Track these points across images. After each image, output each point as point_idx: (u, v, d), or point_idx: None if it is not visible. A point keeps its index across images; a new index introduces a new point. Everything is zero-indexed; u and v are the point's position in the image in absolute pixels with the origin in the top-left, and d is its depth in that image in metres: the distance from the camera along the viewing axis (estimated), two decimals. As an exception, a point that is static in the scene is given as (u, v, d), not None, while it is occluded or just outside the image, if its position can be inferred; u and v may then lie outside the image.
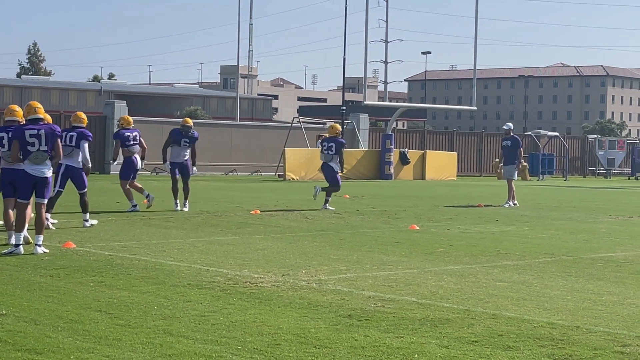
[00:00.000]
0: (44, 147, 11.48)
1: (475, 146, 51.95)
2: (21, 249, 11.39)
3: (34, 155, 11.44)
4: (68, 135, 15.36)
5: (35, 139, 11.43)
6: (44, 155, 11.50)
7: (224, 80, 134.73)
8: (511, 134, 23.58)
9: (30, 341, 6.53)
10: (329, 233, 14.75)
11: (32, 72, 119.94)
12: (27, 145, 11.43)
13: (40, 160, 11.49)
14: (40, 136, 11.46)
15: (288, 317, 7.55)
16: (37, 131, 11.46)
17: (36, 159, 11.45)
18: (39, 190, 11.62)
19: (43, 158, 11.50)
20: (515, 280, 9.89)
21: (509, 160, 23.22)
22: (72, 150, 15.33)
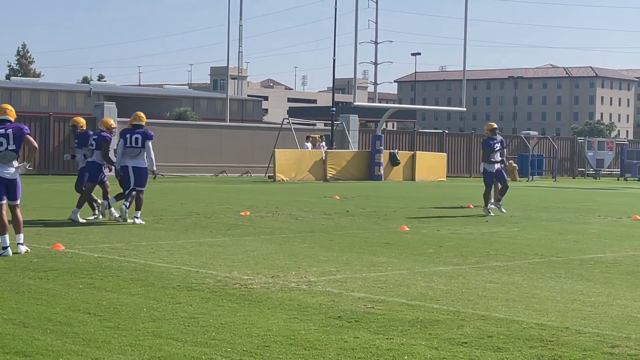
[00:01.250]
0: (12, 147, 11.54)
1: (465, 147, 52.02)
2: (9, 251, 11.37)
3: (1, 155, 11.50)
4: (133, 137, 16.53)
5: (3, 138, 11.50)
6: (12, 155, 11.55)
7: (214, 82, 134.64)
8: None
9: (19, 344, 6.50)
10: (318, 234, 14.74)
11: (21, 73, 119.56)
12: None
13: (7, 160, 11.53)
14: (8, 136, 11.53)
15: (278, 319, 7.54)
16: (4, 131, 11.55)
17: (4, 158, 11.50)
18: (10, 191, 11.60)
19: (10, 158, 11.54)
20: (505, 281, 9.89)
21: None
22: (140, 152, 16.52)
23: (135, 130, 16.78)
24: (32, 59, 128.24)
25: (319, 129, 48.84)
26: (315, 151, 39.51)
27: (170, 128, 44.36)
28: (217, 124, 50.83)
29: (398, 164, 41.81)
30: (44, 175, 37.65)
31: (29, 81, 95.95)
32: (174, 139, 42.70)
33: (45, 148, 39.22)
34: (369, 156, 41.19)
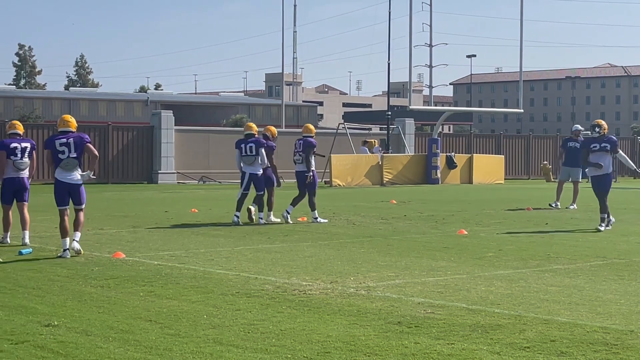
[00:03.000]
0: (74, 155, 12.50)
1: (523, 149, 51.52)
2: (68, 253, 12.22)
3: (64, 163, 12.45)
4: (247, 146, 17.96)
5: (65, 147, 12.48)
6: (74, 163, 12.52)
7: (269, 88, 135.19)
8: (580, 136, 23.64)
9: (82, 352, 6.57)
10: (376, 239, 14.70)
11: (80, 84, 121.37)
12: (57, 154, 12.47)
13: (70, 168, 12.51)
14: (70, 144, 12.49)
15: (337, 325, 7.52)
16: (66, 140, 12.52)
17: (67, 165, 12.48)
18: (74, 196, 12.64)
19: (73, 165, 12.51)
20: (567, 284, 9.76)
21: (576, 163, 23.04)
22: (254, 159, 17.85)
23: (248, 139, 18.12)
24: (91, 70, 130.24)
25: (374, 134, 48.77)
26: (371, 156, 39.44)
27: (227, 135, 44.65)
28: (273, 130, 50.97)
29: (455, 167, 41.56)
30: (104, 184, 38.13)
31: (88, 91, 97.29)
32: (231, 147, 42.90)
33: (104, 157, 39.69)
34: (426, 160, 41.00)
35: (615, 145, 16.99)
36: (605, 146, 16.88)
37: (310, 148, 18.40)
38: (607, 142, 16.91)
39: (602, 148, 16.90)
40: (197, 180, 41.41)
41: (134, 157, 40.47)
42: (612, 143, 16.95)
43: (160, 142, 40.52)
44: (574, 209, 22.28)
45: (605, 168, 16.79)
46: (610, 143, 16.92)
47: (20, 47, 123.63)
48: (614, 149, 16.97)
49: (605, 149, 16.87)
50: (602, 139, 16.99)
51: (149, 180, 40.38)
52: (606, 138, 17.00)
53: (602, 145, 16.90)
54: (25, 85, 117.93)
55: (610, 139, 17.05)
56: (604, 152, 16.87)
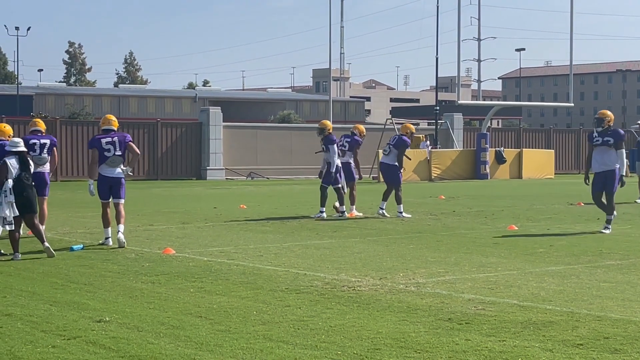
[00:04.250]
0: (119, 152, 13.34)
1: (573, 143, 50.96)
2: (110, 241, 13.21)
3: (110, 160, 13.27)
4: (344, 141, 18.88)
5: (111, 145, 13.30)
6: (119, 160, 13.36)
7: (316, 84, 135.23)
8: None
9: (133, 347, 6.61)
10: (425, 235, 14.62)
11: (129, 81, 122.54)
12: (104, 152, 13.27)
13: (115, 164, 13.35)
14: (115, 143, 13.31)
15: (387, 321, 7.48)
16: (111, 139, 13.33)
17: (112, 162, 13.30)
18: (114, 190, 13.41)
19: (118, 162, 13.36)
20: (620, 280, 9.62)
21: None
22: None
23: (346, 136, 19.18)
24: (139, 67, 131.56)
25: (422, 129, 48.58)
26: (419, 151, 39.27)
27: (275, 131, 44.76)
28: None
29: (504, 162, 41.23)
30: (153, 181, 38.44)
31: (137, 88, 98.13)
32: (279, 142, 43.05)
33: (153, 154, 40.02)
34: (474, 155, 40.74)
35: (619, 139, 14.89)
36: (608, 140, 14.85)
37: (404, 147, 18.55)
38: (611, 136, 14.88)
39: (604, 142, 14.87)
40: (246, 176, 41.57)
41: (182, 154, 40.73)
42: (617, 137, 14.89)
43: (208, 138, 40.73)
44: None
45: (611, 164, 14.87)
46: (614, 137, 14.87)
47: (70, 44, 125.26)
48: (618, 144, 14.86)
49: (607, 144, 14.85)
50: (605, 133, 14.95)
51: (197, 177, 40.61)
52: (610, 131, 14.95)
53: (605, 139, 14.88)
54: (75, 82, 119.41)
55: (615, 132, 14.96)
56: (606, 147, 14.86)
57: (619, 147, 14.84)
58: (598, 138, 14.92)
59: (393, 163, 18.50)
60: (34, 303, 8.46)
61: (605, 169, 14.90)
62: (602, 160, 14.90)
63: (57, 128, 37.96)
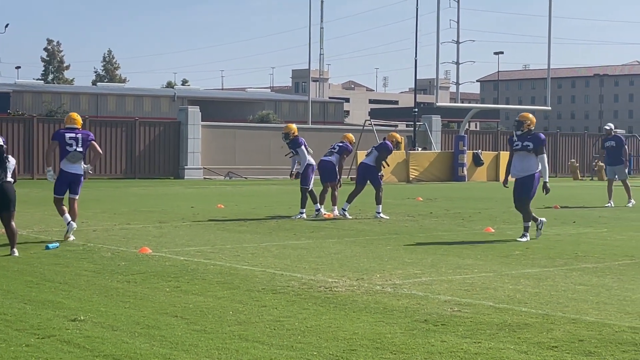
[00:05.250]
0: (80, 149, 13.83)
1: (550, 147, 51.19)
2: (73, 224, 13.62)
3: (71, 155, 13.75)
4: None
5: (73, 141, 13.81)
6: (79, 156, 13.82)
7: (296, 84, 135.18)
8: (613, 134, 23.65)
9: (108, 347, 6.58)
10: (402, 236, 14.64)
11: (107, 79, 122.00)
12: (66, 146, 13.76)
13: (75, 160, 13.80)
14: (78, 139, 13.82)
15: (363, 322, 7.49)
16: (75, 135, 13.87)
17: (73, 157, 13.76)
18: (72, 187, 13.89)
19: (78, 158, 13.81)
20: (595, 283, 9.67)
21: (617, 161, 23.15)
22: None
23: None
24: (118, 65, 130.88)
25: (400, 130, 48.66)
26: (397, 152, 39.33)
27: (253, 131, 44.69)
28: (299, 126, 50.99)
29: (482, 165, 41.39)
30: (130, 179, 38.29)
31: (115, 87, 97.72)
32: (257, 142, 42.99)
33: (131, 152, 39.88)
34: (452, 157, 40.87)
35: (539, 144, 14.14)
36: (527, 145, 14.10)
37: (385, 152, 18.75)
38: (530, 141, 14.12)
39: (523, 147, 14.12)
40: (224, 176, 41.49)
41: (160, 153, 40.61)
42: (536, 142, 14.13)
43: (187, 137, 40.63)
44: (633, 203, 22.44)
45: (530, 169, 14.12)
46: (533, 142, 14.11)
47: (49, 42, 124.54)
48: (538, 149, 14.10)
49: (527, 149, 14.09)
50: (525, 137, 14.22)
51: (175, 176, 40.50)
52: (530, 136, 14.21)
53: (524, 144, 14.13)
54: (53, 80, 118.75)
55: (535, 137, 14.21)
56: (525, 151, 14.12)
57: (540, 152, 14.09)
58: (517, 142, 14.21)
59: (372, 164, 18.60)
60: (8, 301, 8.40)
61: (524, 175, 14.14)
62: (521, 165, 14.15)
63: (34, 126, 37.77)
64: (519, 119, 14.42)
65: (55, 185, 13.96)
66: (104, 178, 38.77)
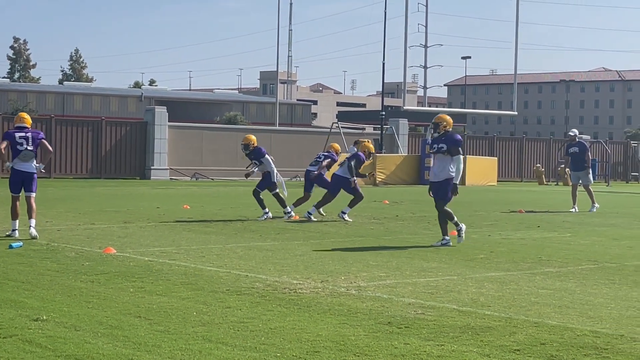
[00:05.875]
0: (30, 147, 13.94)
1: (516, 151, 51.58)
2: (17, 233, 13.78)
3: (22, 154, 13.86)
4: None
5: (24, 140, 13.93)
6: (30, 154, 13.92)
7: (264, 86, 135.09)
8: (577, 140, 23.90)
9: (70, 347, 6.53)
10: (368, 239, 14.68)
11: (74, 78, 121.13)
12: (16, 145, 13.90)
13: (27, 159, 13.89)
14: (28, 138, 13.94)
15: (327, 324, 7.49)
16: (25, 134, 14.00)
17: (24, 157, 13.87)
18: (26, 184, 13.94)
19: (29, 157, 13.91)
20: (558, 287, 9.75)
21: (580, 166, 23.40)
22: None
23: None
24: (85, 64, 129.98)
25: (368, 133, 48.77)
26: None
27: (220, 132, 44.59)
28: (266, 128, 51.00)
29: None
30: (96, 179, 38.07)
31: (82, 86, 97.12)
32: (224, 144, 42.88)
33: (97, 152, 39.64)
34: (419, 160, 41.02)
35: (454, 145, 13.56)
36: (442, 147, 13.58)
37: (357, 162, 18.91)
38: (444, 142, 13.56)
39: (439, 149, 13.63)
40: (190, 177, 41.36)
41: (127, 153, 40.41)
42: (451, 143, 13.56)
43: (153, 138, 40.47)
44: (597, 207, 22.68)
45: (445, 172, 13.65)
46: (447, 143, 13.54)
47: (15, 40, 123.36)
48: (452, 150, 13.53)
49: (441, 150, 13.60)
50: (440, 139, 13.69)
51: (141, 176, 40.31)
52: (445, 137, 13.65)
53: (439, 146, 13.63)
54: (19, 78, 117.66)
55: (450, 138, 13.61)
56: (441, 154, 13.64)
57: (454, 154, 13.53)
58: (434, 145, 13.77)
59: (345, 175, 18.77)
60: (-31, 300, 8.32)
61: (440, 179, 13.74)
62: (437, 169, 13.76)
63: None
64: (435, 121, 13.94)
65: (9, 184, 14.09)
66: (70, 177, 38.51)
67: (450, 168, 13.64)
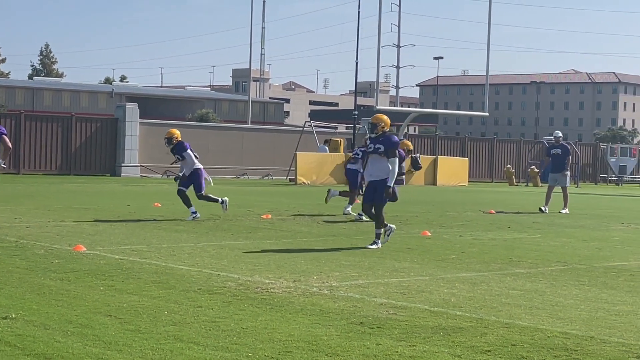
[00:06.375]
0: None
1: (487, 152, 51.83)
2: None
3: None
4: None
5: None
6: None
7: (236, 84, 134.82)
8: (561, 142, 24.08)
9: (40, 346, 6.47)
10: (340, 238, 14.68)
11: (44, 73, 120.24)
12: None
13: None
14: None
15: (299, 324, 7.48)
16: None
17: None
18: None
19: None
20: (528, 288, 9.79)
21: (560, 168, 23.56)
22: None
23: None
24: (55, 59, 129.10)
25: (340, 133, 48.81)
26: (336, 154, 39.46)
27: (192, 130, 44.45)
28: (238, 126, 50.87)
29: (420, 168, 41.61)
30: (66, 175, 37.80)
31: (52, 81, 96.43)
32: (196, 141, 42.71)
33: (67, 148, 39.36)
34: (391, 160, 41.07)
35: (390, 147, 13.27)
36: (378, 148, 13.28)
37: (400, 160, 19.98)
38: (382, 143, 13.29)
39: (375, 150, 13.31)
40: (161, 175, 41.17)
41: (97, 149, 40.17)
42: (387, 144, 13.27)
43: (124, 134, 40.26)
44: (566, 213, 22.75)
45: (381, 173, 13.29)
46: (384, 144, 13.26)
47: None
48: (389, 151, 13.23)
49: (378, 151, 13.29)
50: (377, 139, 13.39)
51: (111, 173, 40.09)
52: (382, 138, 13.36)
53: (376, 147, 13.31)
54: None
55: (387, 139, 13.33)
56: (377, 155, 13.31)
57: (391, 156, 13.24)
58: (370, 145, 13.48)
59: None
60: (-63, 298, 8.22)
61: (376, 179, 13.35)
62: (372, 169, 13.41)
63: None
64: (373, 121, 13.61)
65: None
66: (39, 174, 38.22)
67: (387, 169, 13.27)
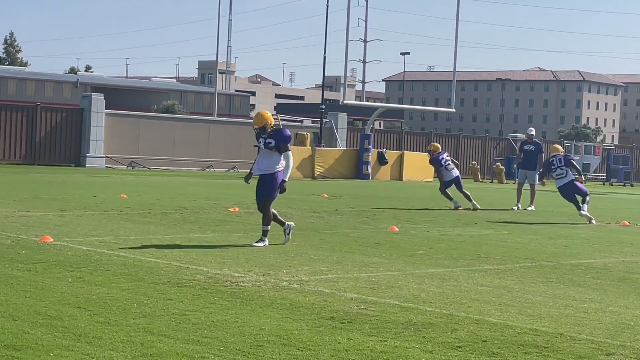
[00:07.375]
0: None
1: (452, 148, 52.03)
2: None
3: None
4: None
5: None
6: None
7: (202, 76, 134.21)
8: (534, 139, 24.18)
9: (9, 337, 6.40)
10: (308, 233, 14.67)
11: (8, 62, 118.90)
12: None
13: None
14: None
15: (270, 318, 7.46)
16: None
17: None
18: None
19: None
20: (497, 285, 9.85)
21: (531, 165, 23.69)
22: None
23: None
24: (20, 48, 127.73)
25: (306, 126, 48.78)
26: (303, 148, 39.41)
27: (158, 121, 44.19)
28: (204, 118, 50.62)
29: (386, 164, 41.77)
30: (30, 165, 37.44)
31: (16, 70, 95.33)
32: (161, 133, 42.51)
33: (31, 138, 38.99)
34: (357, 155, 41.14)
35: (282, 141, 12.72)
36: (269, 142, 12.72)
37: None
38: (273, 138, 12.72)
39: (266, 144, 12.75)
40: (126, 166, 40.91)
41: (62, 139, 39.82)
42: (279, 139, 12.75)
43: (89, 125, 39.94)
44: (532, 210, 22.89)
45: (270, 168, 12.68)
46: (275, 138, 12.73)
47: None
48: (281, 146, 12.69)
49: (269, 146, 12.72)
50: (269, 134, 12.77)
51: (76, 164, 39.77)
52: (273, 132, 12.77)
53: (267, 141, 12.75)
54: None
55: (278, 133, 12.78)
56: (269, 150, 12.72)
57: (284, 150, 12.76)
58: (260, 140, 12.86)
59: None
60: None
61: (265, 173, 12.77)
62: (263, 163, 12.78)
63: None
64: (259, 126, 12.85)
65: None
66: (3, 163, 37.82)
67: (277, 164, 12.76)
